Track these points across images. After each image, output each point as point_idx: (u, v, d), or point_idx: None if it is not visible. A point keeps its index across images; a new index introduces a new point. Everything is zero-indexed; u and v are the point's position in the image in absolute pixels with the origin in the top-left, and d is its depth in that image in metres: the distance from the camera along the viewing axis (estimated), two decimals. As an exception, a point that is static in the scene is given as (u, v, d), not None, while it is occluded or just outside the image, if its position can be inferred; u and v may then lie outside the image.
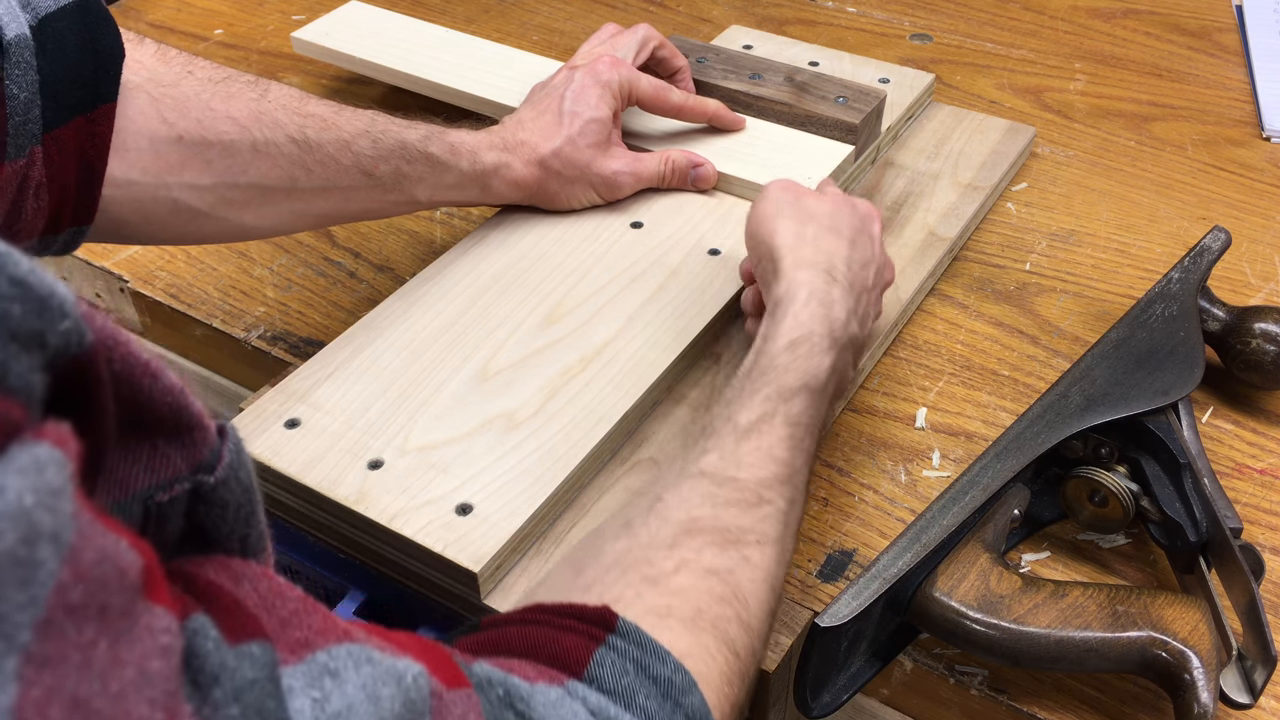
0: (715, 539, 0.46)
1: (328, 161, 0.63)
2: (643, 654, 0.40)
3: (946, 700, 0.58)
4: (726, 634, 0.44)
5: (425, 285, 0.71)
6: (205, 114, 0.59)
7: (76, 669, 0.23)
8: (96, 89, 0.54)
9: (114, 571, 0.24)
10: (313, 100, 0.64)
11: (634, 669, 0.39)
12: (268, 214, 0.64)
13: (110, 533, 0.24)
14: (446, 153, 0.68)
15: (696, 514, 0.47)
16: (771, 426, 0.51)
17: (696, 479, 0.49)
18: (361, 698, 0.29)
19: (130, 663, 0.24)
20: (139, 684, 0.24)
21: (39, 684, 0.22)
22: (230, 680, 0.27)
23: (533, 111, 0.74)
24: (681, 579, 0.44)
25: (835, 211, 0.61)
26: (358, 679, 0.30)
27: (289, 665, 0.29)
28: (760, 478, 0.49)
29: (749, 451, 0.50)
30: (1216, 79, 1.00)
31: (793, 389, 0.52)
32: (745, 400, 0.52)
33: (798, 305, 0.55)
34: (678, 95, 0.78)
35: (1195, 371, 0.62)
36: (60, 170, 0.53)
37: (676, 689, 0.39)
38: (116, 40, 0.56)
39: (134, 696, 0.24)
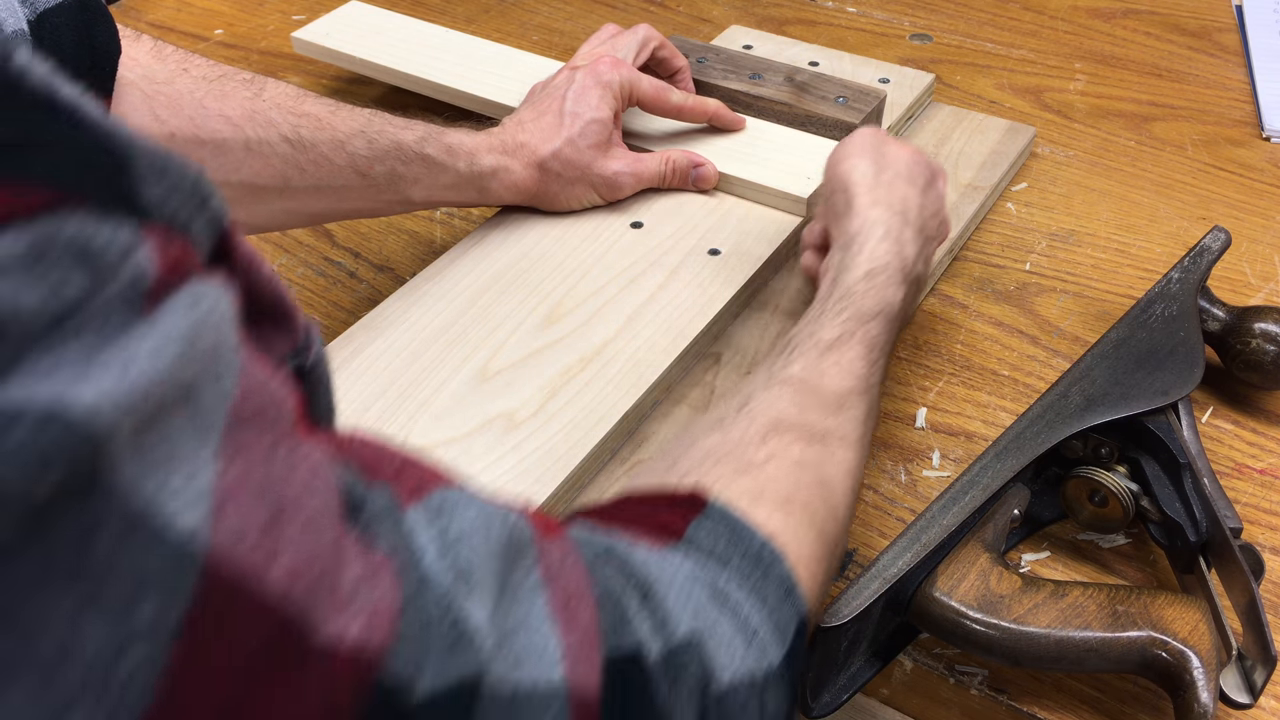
0: (802, 435, 0.49)
1: (321, 161, 0.63)
2: (733, 529, 0.42)
3: (946, 700, 0.58)
4: (815, 517, 0.46)
5: (425, 285, 0.71)
6: (198, 112, 0.59)
7: (263, 462, 0.26)
8: (92, 85, 0.54)
9: (275, 396, 0.27)
10: (309, 99, 0.64)
11: (726, 539, 0.41)
12: (260, 212, 0.64)
13: (265, 368, 0.28)
14: (443, 154, 0.68)
15: (784, 414, 0.50)
16: (851, 344, 0.54)
17: (783, 384, 0.52)
18: (476, 527, 0.32)
19: (303, 471, 0.27)
20: (312, 490, 0.27)
21: (233, 469, 0.25)
22: (372, 504, 0.30)
23: (533, 112, 0.74)
24: (772, 468, 0.47)
25: (912, 162, 0.64)
26: (469, 514, 0.32)
27: (407, 508, 0.31)
28: (841, 387, 0.52)
29: (831, 364, 0.53)
30: (1216, 79, 1.00)
31: (871, 314, 0.56)
32: (827, 321, 0.56)
33: (875, 239, 0.59)
34: (678, 95, 0.78)
35: (1195, 371, 0.62)
36: None
37: (766, 560, 0.41)
38: (113, 37, 0.56)
39: (309, 498, 0.27)
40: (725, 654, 0.37)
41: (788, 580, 0.42)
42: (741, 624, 0.39)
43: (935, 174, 0.66)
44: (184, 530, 0.23)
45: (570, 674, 0.32)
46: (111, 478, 0.22)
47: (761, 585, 0.41)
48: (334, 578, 0.27)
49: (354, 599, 0.27)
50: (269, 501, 0.26)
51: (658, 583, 0.37)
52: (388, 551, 0.29)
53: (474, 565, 0.31)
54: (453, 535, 0.31)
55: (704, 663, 0.37)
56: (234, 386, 0.26)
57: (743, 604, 0.39)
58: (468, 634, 0.30)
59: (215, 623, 0.24)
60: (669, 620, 0.36)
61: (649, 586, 0.37)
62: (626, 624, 0.35)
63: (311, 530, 0.27)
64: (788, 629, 0.41)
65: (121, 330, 0.23)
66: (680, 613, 0.37)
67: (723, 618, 0.38)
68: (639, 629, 0.35)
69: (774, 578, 0.41)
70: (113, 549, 0.22)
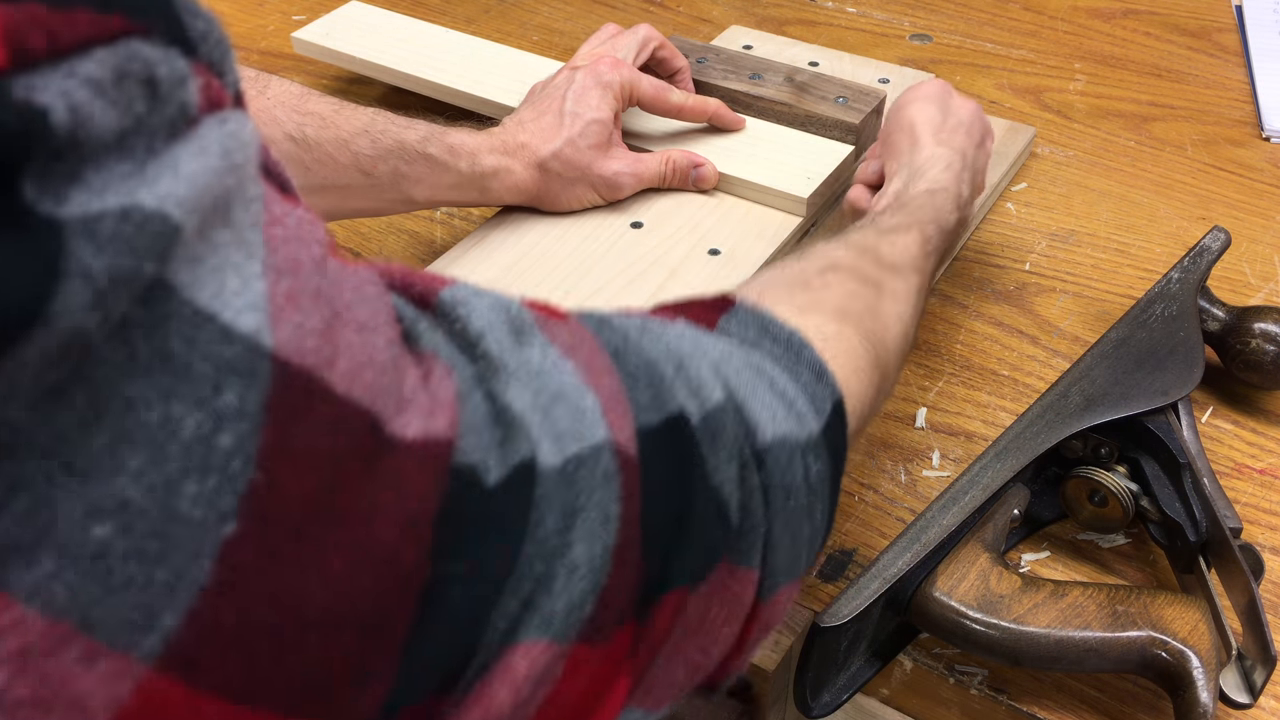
0: (858, 275, 0.51)
1: (325, 160, 0.64)
2: (762, 320, 0.43)
3: (946, 700, 0.58)
4: (869, 333, 0.48)
5: (425, 285, 0.71)
6: None
7: (313, 274, 0.27)
8: None
9: (303, 221, 0.28)
10: (313, 97, 0.64)
11: (756, 329, 0.43)
12: None
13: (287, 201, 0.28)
14: (445, 154, 0.68)
15: (842, 260, 0.52)
16: (909, 232, 0.57)
17: (841, 242, 0.54)
18: (495, 318, 0.33)
19: (354, 283, 0.29)
20: (363, 299, 0.29)
21: (283, 283, 0.26)
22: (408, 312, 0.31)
23: (533, 112, 0.74)
24: (828, 292, 0.49)
25: (974, 117, 0.69)
26: (480, 308, 0.33)
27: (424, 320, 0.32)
28: (897, 258, 0.55)
29: (888, 241, 0.55)
30: (1216, 79, 1.00)
31: (929, 219, 0.59)
32: (887, 215, 0.59)
33: (939, 168, 0.63)
34: (678, 95, 0.78)
35: (1195, 371, 0.62)
36: None
37: (796, 345, 0.42)
38: None
39: (361, 307, 0.28)
40: (765, 414, 0.38)
41: (818, 364, 0.42)
42: (778, 392, 0.40)
43: (987, 133, 0.70)
44: (248, 329, 0.25)
45: (612, 429, 0.33)
46: (173, 279, 0.24)
47: (794, 365, 0.42)
48: (394, 377, 0.28)
49: (415, 395, 0.29)
50: (324, 307, 0.27)
51: (692, 354, 0.38)
52: (434, 351, 0.31)
53: (502, 353, 0.32)
54: (474, 332, 0.32)
55: (744, 421, 0.38)
56: (263, 210, 0.27)
57: (777, 378, 0.40)
58: (515, 420, 0.31)
59: (295, 411, 0.25)
60: (704, 386, 0.37)
61: (682, 357, 0.37)
62: (665, 391, 0.36)
63: (367, 333, 0.28)
64: (824, 405, 0.41)
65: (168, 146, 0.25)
66: (714, 380, 0.37)
67: (759, 384, 0.39)
68: (677, 394, 0.36)
69: (805, 360, 0.42)
70: (187, 341, 0.24)
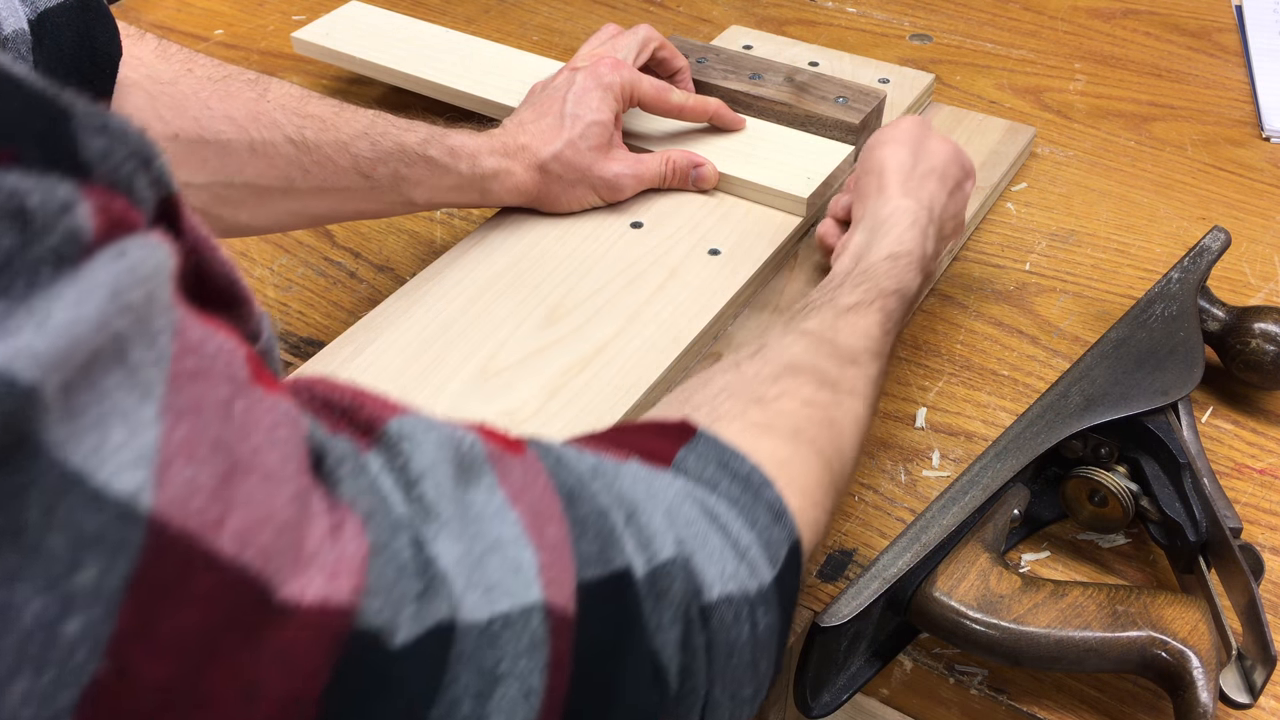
0: (814, 379, 0.50)
1: (325, 163, 0.63)
2: (722, 454, 0.42)
3: (946, 700, 0.58)
4: (823, 451, 0.47)
5: (425, 285, 0.71)
6: (203, 113, 0.59)
7: (216, 419, 0.25)
8: (92, 86, 0.54)
9: (222, 349, 0.27)
10: (313, 99, 0.64)
11: (715, 464, 0.42)
12: (263, 213, 0.64)
13: (209, 325, 0.27)
14: (446, 156, 0.68)
15: (798, 359, 0.51)
16: (869, 311, 0.56)
17: (799, 335, 0.53)
18: (437, 459, 0.31)
19: (264, 425, 0.27)
20: (272, 443, 0.27)
21: (181, 427, 0.24)
22: (334, 451, 0.30)
23: (534, 113, 0.74)
24: (783, 404, 0.48)
25: (949, 160, 0.66)
26: (428, 444, 0.32)
27: (367, 451, 0.31)
28: (855, 345, 0.54)
29: (846, 324, 0.55)
30: (1216, 79, 1.00)
31: (889, 291, 0.58)
32: (847, 289, 0.57)
33: (902, 227, 0.61)
34: (679, 95, 0.78)
35: (1195, 371, 0.62)
36: None
37: (755, 483, 0.42)
38: (114, 38, 0.56)
39: (269, 452, 0.26)
40: (714, 569, 0.37)
41: (777, 504, 0.42)
42: (732, 542, 0.39)
43: (967, 175, 0.68)
44: (124, 491, 0.23)
45: (546, 590, 0.31)
46: (40, 438, 0.22)
47: (751, 507, 0.41)
48: (296, 533, 0.26)
49: (319, 553, 0.27)
50: (222, 458, 0.25)
51: (645, 501, 0.37)
52: (352, 499, 0.29)
53: (440, 499, 0.30)
54: (415, 472, 0.31)
55: (691, 578, 0.36)
56: (171, 343, 0.25)
57: (731, 524, 0.39)
58: (439, 575, 0.29)
59: (164, 586, 0.23)
60: (655, 539, 0.36)
61: (635, 505, 0.36)
62: (613, 544, 0.34)
63: (270, 485, 0.26)
64: (779, 551, 0.40)
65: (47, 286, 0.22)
66: (666, 531, 0.36)
67: (711, 536, 0.38)
68: (625, 547, 0.35)
69: (764, 500, 0.41)
70: (46, 511, 0.22)
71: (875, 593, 0.53)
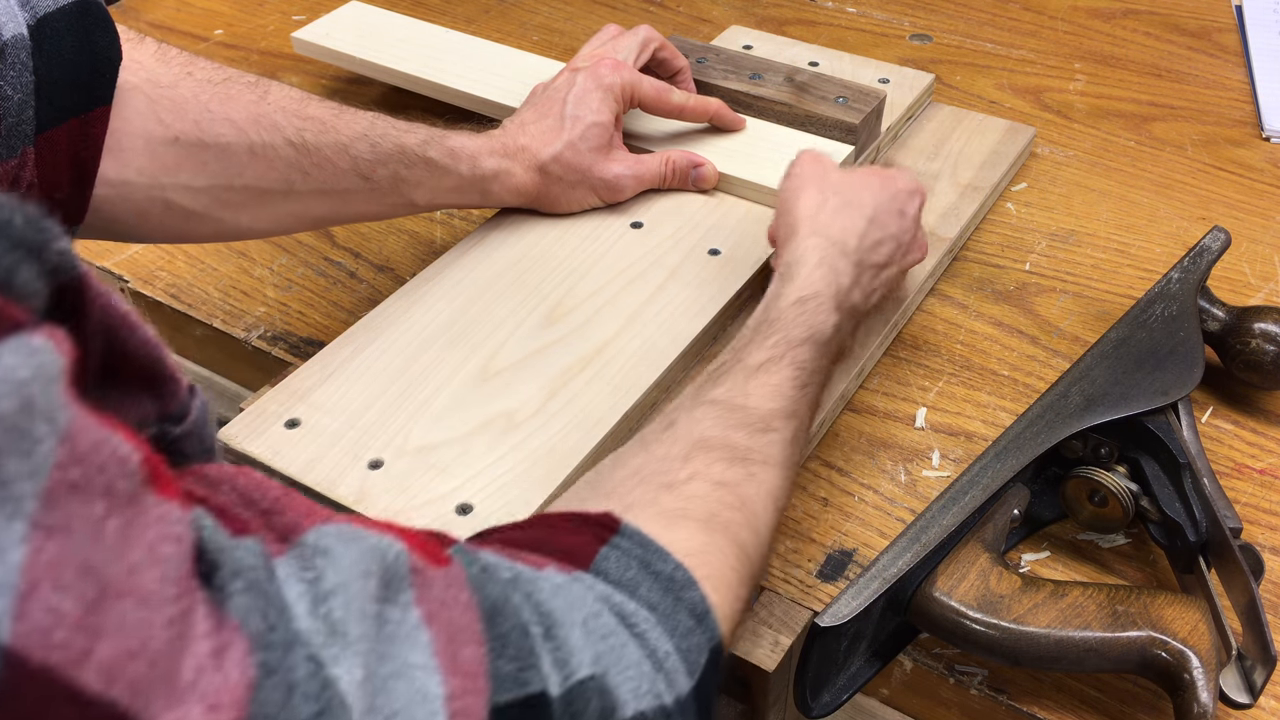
0: (725, 455, 0.49)
1: (325, 165, 0.63)
2: (645, 553, 0.42)
3: (946, 700, 0.58)
4: (737, 537, 0.46)
5: (425, 285, 0.71)
6: (203, 116, 0.59)
7: (88, 540, 0.24)
8: (92, 91, 0.54)
9: (113, 458, 0.25)
10: (313, 102, 0.64)
11: (637, 565, 0.41)
12: (264, 216, 0.64)
13: (104, 426, 0.25)
14: (446, 157, 0.68)
15: (708, 434, 0.50)
16: (779, 367, 0.54)
17: (708, 405, 0.52)
18: (355, 574, 0.30)
19: (143, 542, 0.25)
20: (152, 561, 0.25)
21: (49, 548, 0.23)
22: (232, 562, 0.28)
23: (534, 114, 0.74)
24: (694, 487, 0.47)
25: (860, 188, 0.64)
26: (349, 555, 0.30)
27: (280, 555, 0.29)
28: (767, 408, 0.52)
29: (757, 386, 0.53)
30: (1216, 79, 1.00)
31: (800, 339, 0.56)
32: (755, 345, 0.56)
33: (808, 268, 0.59)
34: (679, 96, 0.78)
35: (1195, 371, 0.62)
36: (52, 171, 0.53)
37: (678, 584, 0.41)
38: (114, 43, 0.55)
39: (147, 572, 0.25)
40: (629, 687, 0.37)
41: (700, 606, 0.41)
42: (649, 653, 0.38)
43: (898, 196, 0.65)
44: None
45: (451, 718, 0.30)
46: None
47: (672, 613, 0.40)
48: (172, 662, 0.25)
49: (197, 682, 0.25)
50: (93, 581, 0.23)
51: (563, 614, 0.36)
52: (243, 617, 0.27)
53: (349, 619, 0.29)
54: (326, 587, 0.29)
55: (606, 696, 0.36)
56: (53, 452, 0.23)
57: (649, 633, 0.39)
58: (338, 698, 0.28)
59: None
60: (572, 656, 0.35)
61: (552, 620, 0.36)
62: (531, 663, 0.34)
63: (146, 609, 0.24)
64: (698, 658, 0.40)
65: None
66: (584, 648, 0.36)
67: (628, 648, 0.38)
68: (542, 666, 0.34)
69: (685, 603, 0.41)
70: None
71: (875, 593, 0.53)
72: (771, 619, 0.58)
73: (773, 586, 0.59)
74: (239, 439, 0.61)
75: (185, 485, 0.31)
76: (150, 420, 0.32)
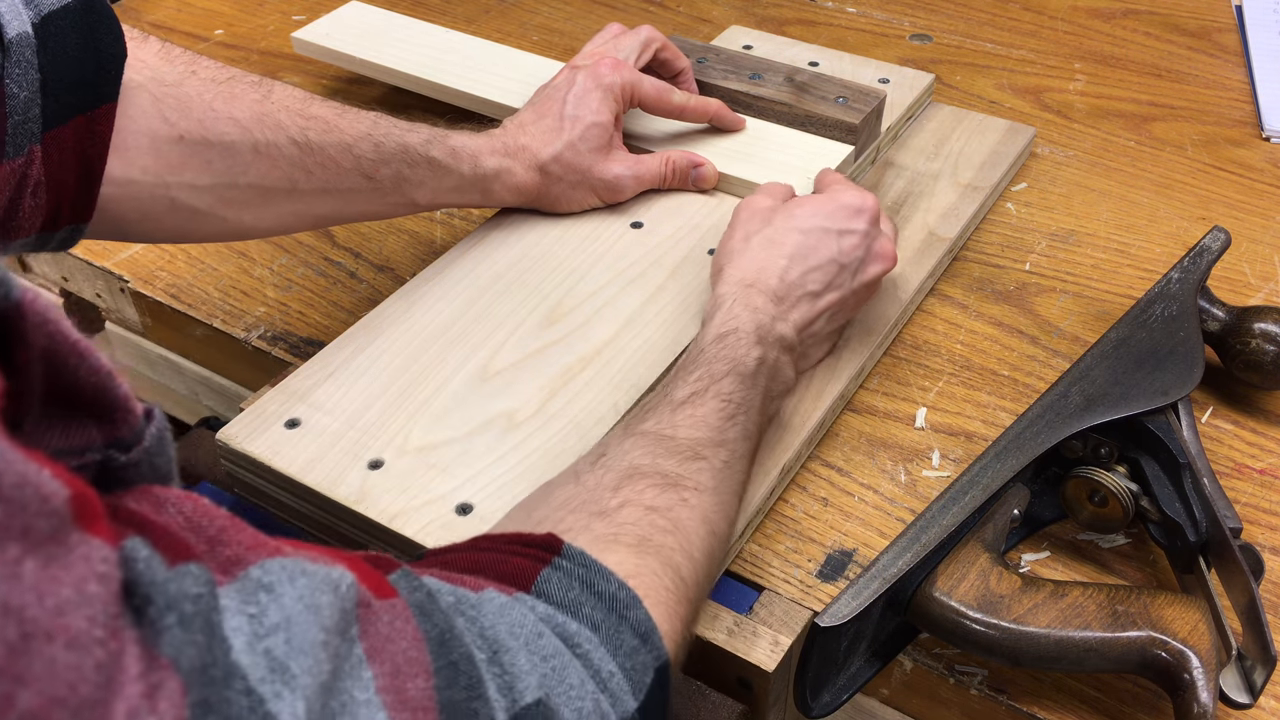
0: (656, 482, 0.50)
1: (328, 164, 0.63)
2: (588, 573, 0.42)
3: (946, 700, 0.58)
4: (671, 560, 0.46)
5: (425, 285, 0.71)
6: (207, 114, 0.59)
7: (4, 580, 0.23)
8: (98, 89, 0.54)
9: (35, 496, 0.24)
10: (316, 102, 0.64)
11: (580, 585, 0.41)
12: (267, 215, 0.64)
13: (31, 461, 0.24)
14: (448, 157, 0.68)
15: (638, 463, 0.51)
16: (704, 400, 0.55)
17: (637, 437, 0.53)
18: (300, 609, 0.29)
19: (67, 583, 0.24)
20: (77, 602, 0.24)
21: None
22: (165, 596, 0.27)
23: (534, 114, 0.74)
24: (626, 513, 0.47)
25: (787, 223, 0.65)
26: (294, 591, 0.30)
27: (222, 585, 0.29)
28: (695, 438, 0.53)
29: (684, 418, 0.54)
30: (1216, 79, 1.00)
31: (722, 373, 0.57)
32: (680, 381, 0.57)
33: (725, 307, 0.61)
34: (679, 96, 0.78)
35: (1195, 371, 0.62)
36: (59, 169, 0.53)
37: (621, 603, 0.41)
38: (119, 40, 0.55)
39: (72, 612, 0.24)
40: (573, 708, 0.37)
41: (644, 625, 0.41)
42: (593, 673, 0.38)
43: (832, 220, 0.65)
44: None
45: None
46: None
47: (615, 632, 0.40)
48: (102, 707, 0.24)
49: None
50: (13, 624, 0.23)
51: (507, 638, 0.36)
52: (175, 654, 0.26)
53: (292, 654, 0.29)
54: (270, 621, 0.29)
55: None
56: None
57: (593, 653, 0.39)
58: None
59: None
60: (518, 681, 0.35)
61: (497, 644, 0.36)
62: (479, 692, 0.34)
63: (72, 653, 0.24)
64: (643, 678, 0.40)
65: None
66: (529, 672, 0.36)
67: (571, 669, 0.38)
68: (489, 693, 0.34)
69: (629, 622, 0.41)
70: None
71: (875, 593, 0.53)
72: (771, 619, 0.58)
73: (773, 586, 0.59)
74: (239, 439, 0.61)
75: (130, 504, 0.30)
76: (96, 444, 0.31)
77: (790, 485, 0.65)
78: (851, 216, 0.65)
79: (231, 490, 0.64)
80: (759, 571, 0.60)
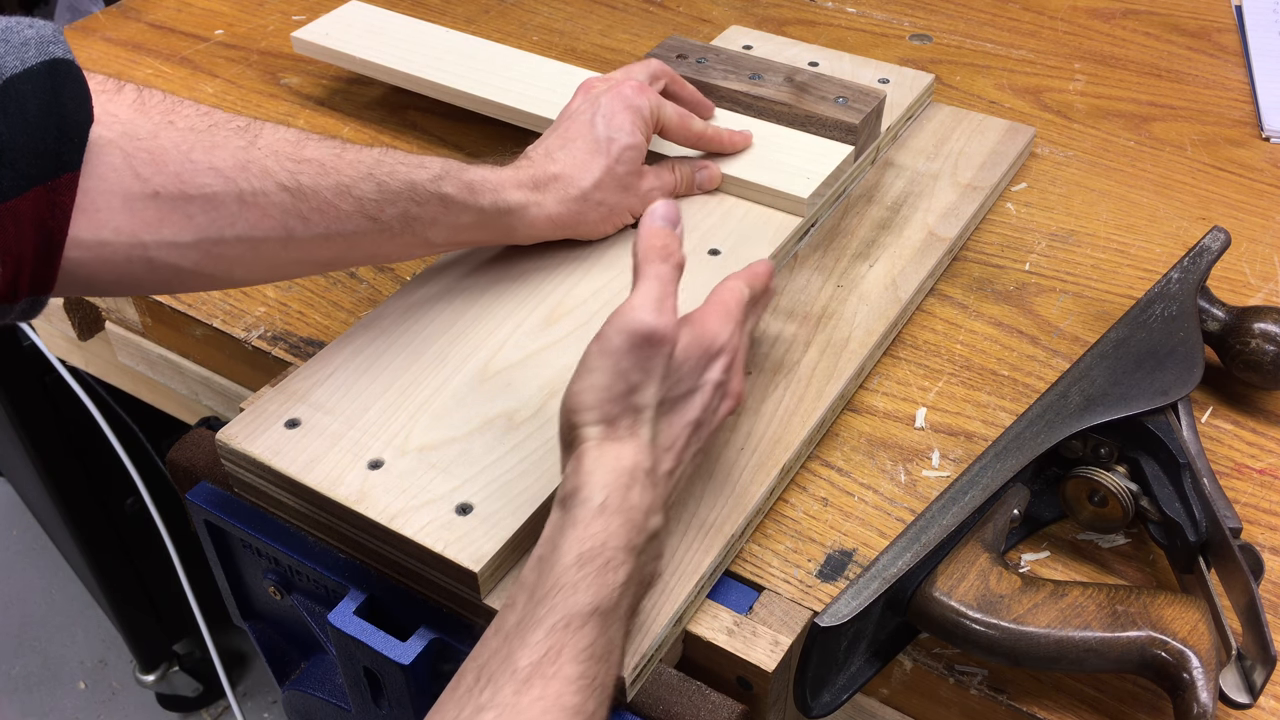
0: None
1: (326, 208, 0.60)
2: None
3: (946, 700, 0.59)
4: None
5: (425, 285, 0.71)
6: (185, 166, 0.55)
7: None
8: (59, 157, 0.51)
9: None
10: (311, 142, 0.61)
11: None
12: (261, 266, 0.60)
13: None
14: (463, 192, 0.64)
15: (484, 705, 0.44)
16: (558, 668, 0.45)
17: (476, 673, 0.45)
18: None
19: None
20: None
21: None
22: None
23: (559, 140, 0.71)
24: None
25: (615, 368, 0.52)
26: None
27: None
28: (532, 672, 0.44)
29: (531, 703, 0.44)
30: (1216, 79, 1.00)
31: (584, 615, 0.46)
32: (527, 633, 0.46)
33: (591, 510, 0.48)
34: (699, 124, 0.77)
35: (1195, 371, 0.62)
36: (15, 241, 0.50)
37: None
38: (84, 104, 0.52)
39: None
40: None
41: None
42: None
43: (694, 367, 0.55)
44: None
45: None
46: None
47: None
48: None
49: None
50: None
51: None
52: None
53: None
54: None
55: None
56: None
57: None
58: None
59: None
60: None
61: None
62: None
63: None
64: None
65: None
66: None
67: None
68: None
69: None
70: None
71: (875, 593, 0.53)
72: (771, 619, 0.58)
73: (773, 586, 0.59)
74: (239, 439, 0.61)
75: None
76: None
77: (790, 485, 0.65)
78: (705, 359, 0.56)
79: (231, 490, 0.64)
80: (759, 571, 0.60)
